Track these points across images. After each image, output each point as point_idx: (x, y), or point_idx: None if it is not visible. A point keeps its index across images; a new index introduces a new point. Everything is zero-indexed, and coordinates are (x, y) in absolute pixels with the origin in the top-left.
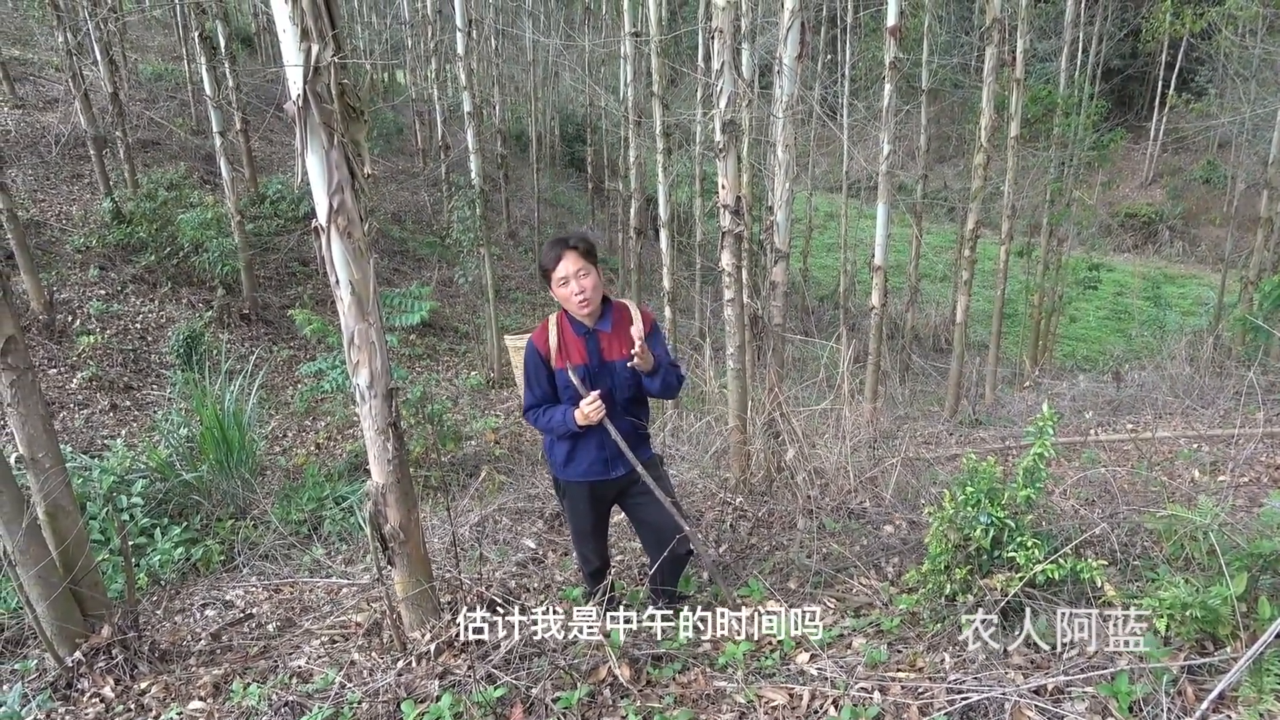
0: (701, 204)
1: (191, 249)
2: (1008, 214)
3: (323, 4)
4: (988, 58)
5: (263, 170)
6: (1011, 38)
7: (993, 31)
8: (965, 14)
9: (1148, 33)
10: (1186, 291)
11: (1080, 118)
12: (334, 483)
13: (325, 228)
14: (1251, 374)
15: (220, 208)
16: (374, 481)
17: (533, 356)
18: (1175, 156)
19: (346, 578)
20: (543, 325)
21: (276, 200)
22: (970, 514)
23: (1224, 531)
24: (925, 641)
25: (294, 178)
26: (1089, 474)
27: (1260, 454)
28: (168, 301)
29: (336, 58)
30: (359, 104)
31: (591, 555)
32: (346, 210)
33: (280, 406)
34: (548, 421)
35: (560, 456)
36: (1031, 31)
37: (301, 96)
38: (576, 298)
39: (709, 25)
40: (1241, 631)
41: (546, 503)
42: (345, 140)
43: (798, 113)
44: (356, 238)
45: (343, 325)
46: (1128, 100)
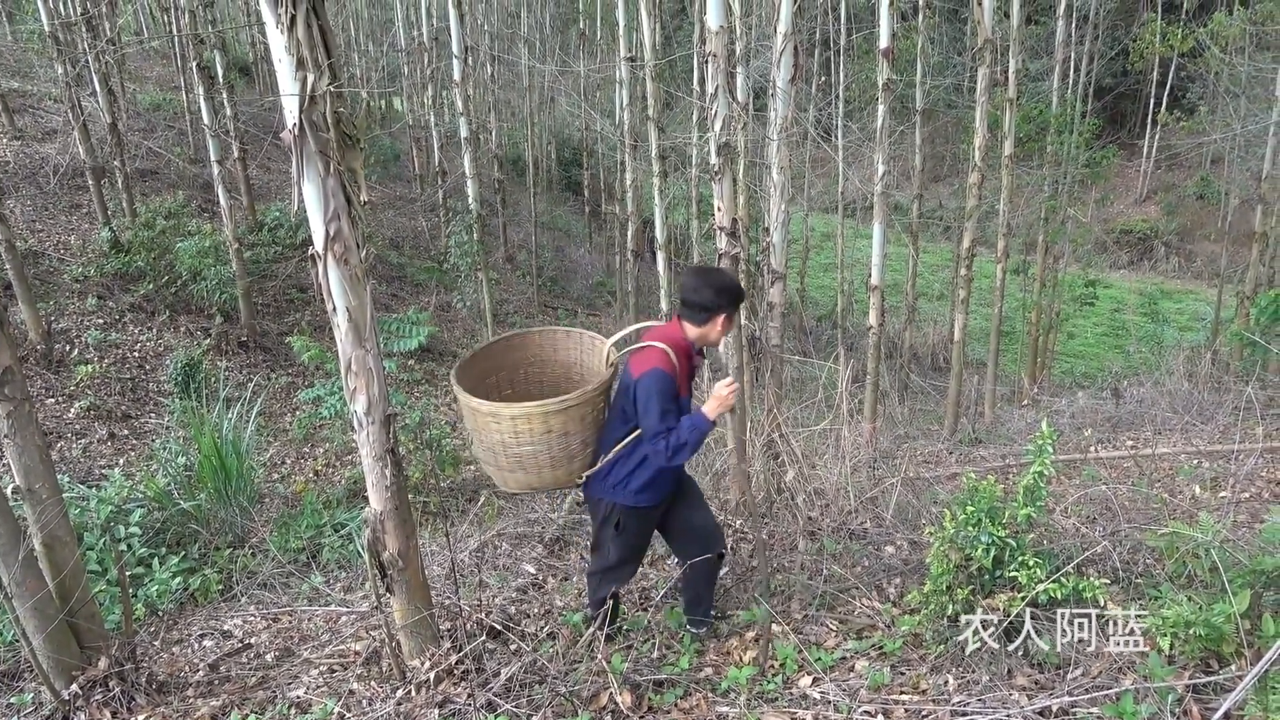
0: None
1: (189, 277)
2: (1003, 232)
3: (319, 34)
4: (980, 78)
5: (260, 198)
6: (1003, 58)
7: (985, 52)
8: (957, 35)
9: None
10: (1183, 307)
11: (1073, 136)
12: (332, 510)
13: (322, 255)
14: (1250, 389)
15: (218, 235)
16: (372, 508)
17: (671, 383)
18: (1169, 173)
19: (345, 606)
20: (664, 356)
21: (274, 227)
22: (971, 533)
23: (1226, 548)
24: (928, 663)
25: (291, 205)
26: (1090, 491)
27: (1260, 469)
28: (166, 330)
29: (332, 86)
30: (355, 132)
31: (628, 578)
32: (343, 237)
33: (278, 433)
34: (677, 439)
35: (638, 484)
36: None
37: (298, 125)
38: (724, 337)
39: (703, 50)
40: (1246, 649)
41: (546, 527)
42: (341, 168)
43: (792, 135)
44: (353, 264)
45: (340, 352)
46: (1120, 118)
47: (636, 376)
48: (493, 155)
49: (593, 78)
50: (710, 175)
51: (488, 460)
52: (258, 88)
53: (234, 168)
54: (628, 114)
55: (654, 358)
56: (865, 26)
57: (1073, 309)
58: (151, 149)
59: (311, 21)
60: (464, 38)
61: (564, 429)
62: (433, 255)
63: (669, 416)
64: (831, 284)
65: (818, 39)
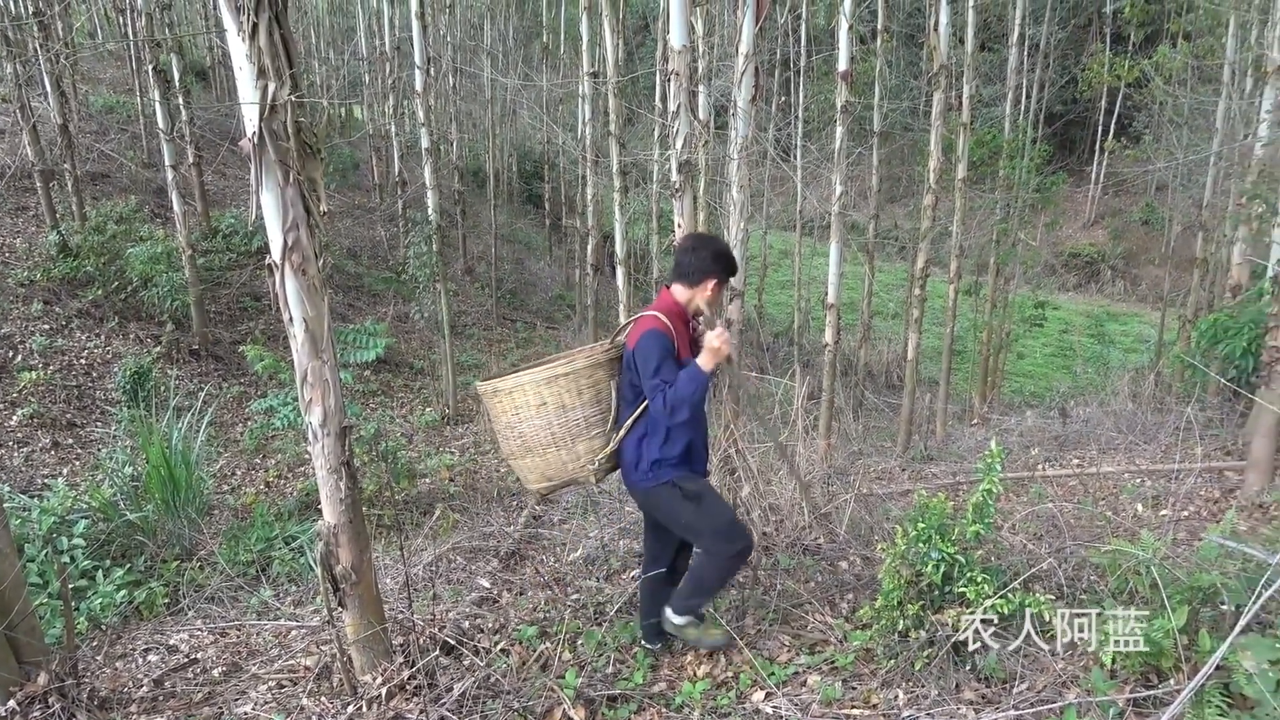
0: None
1: (140, 283)
2: (956, 253)
3: (280, 43)
4: (935, 102)
5: (216, 204)
6: (958, 83)
7: (940, 77)
8: (914, 59)
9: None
10: (1129, 329)
11: (1024, 161)
12: (284, 522)
13: (279, 265)
14: (1189, 410)
15: (171, 242)
16: (325, 521)
17: (669, 342)
18: (1115, 199)
19: (296, 620)
20: (656, 319)
21: (229, 234)
22: (922, 549)
23: (1165, 566)
24: (879, 678)
25: (247, 212)
26: (1037, 509)
27: (1199, 488)
28: (114, 337)
29: (293, 96)
30: (315, 141)
31: (748, 533)
32: (301, 247)
33: (229, 444)
34: (676, 391)
35: (676, 452)
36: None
37: (257, 134)
38: (711, 305)
39: (665, 67)
40: (1184, 664)
41: (501, 541)
42: (301, 178)
43: (752, 154)
44: (311, 275)
45: (296, 363)
46: (1069, 144)
47: (633, 344)
48: (454, 166)
49: (555, 92)
50: (671, 192)
51: (508, 454)
52: (215, 92)
53: (189, 173)
54: (590, 129)
55: (648, 322)
56: (825, 49)
57: (1022, 330)
58: (104, 152)
59: (274, 30)
60: (427, 48)
61: (559, 401)
62: (391, 266)
63: (667, 372)
64: (789, 301)
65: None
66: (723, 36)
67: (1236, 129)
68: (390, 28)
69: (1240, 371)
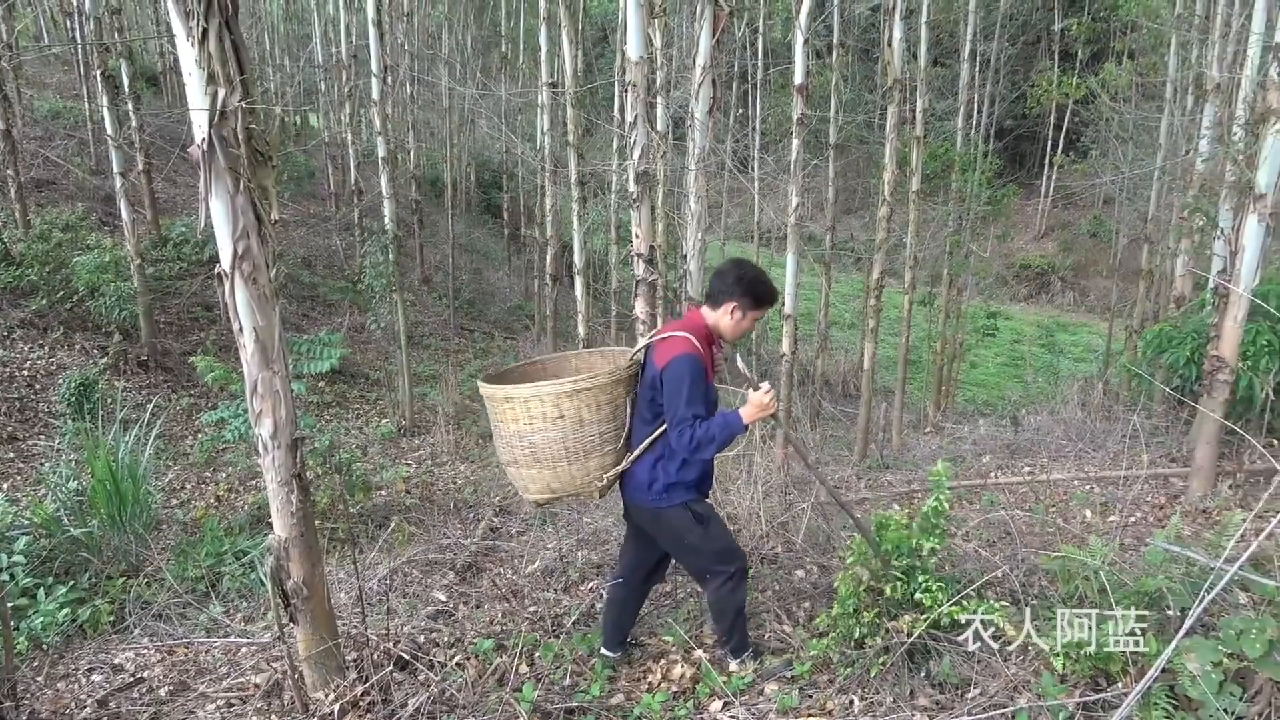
0: (617, 251)
1: (87, 293)
2: (910, 264)
3: (230, 49)
4: (890, 115)
5: (166, 212)
6: (911, 98)
7: (894, 91)
8: (869, 74)
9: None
10: (1078, 339)
11: (976, 174)
12: (234, 537)
13: (229, 274)
14: (1136, 418)
15: (119, 250)
16: (276, 535)
17: (701, 367)
18: (1065, 212)
19: (246, 637)
20: (689, 342)
21: (180, 243)
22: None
23: (1113, 571)
24: (836, 685)
25: (198, 221)
26: (989, 516)
27: (1146, 494)
28: (59, 348)
29: (244, 102)
30: (267, 149)
31: (744, 560)
32: (252, 256)
33: (179, 457)
34: (707, 431)
35: (693, 476)
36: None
37: (207, 140)
38: (745, 333)
39: (624, 79)
40: (1131, 667)
41: (458, 554)
42: (252, 185)
43: (709, 165)
44: (262, 284)
45: (245, 374)
46: (1020, 158)
47: (663, 365)
48: (411, 175)
49: (514, 101)
50: (629, 202)
51: (509, 460)
52: (166, 98)
53: (138, 180)
54: (548, 139)
55: (681, 344)
56: (782, 62)
57: (975, 339)
58: (49, 159)
59: (224, 36)
60: (383, 56)
61: (578, 415)
62: (347, 275)
63: (697, 404)
64: None
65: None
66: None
67: (1179, 144)
68: (346, 35)
69: (1184, 380)
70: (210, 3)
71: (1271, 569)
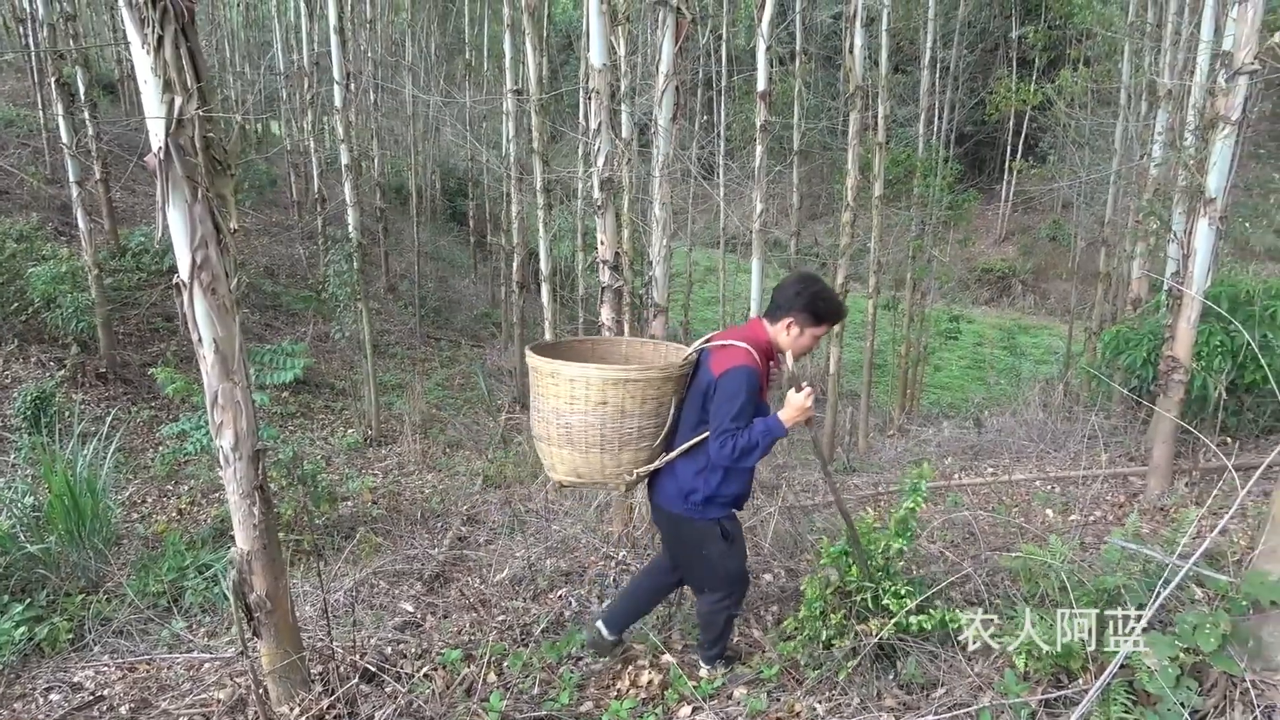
0: (583, 258)
1: (43, 304)
2: (874, 269)
3: (187, 56)
4: (852, 122)
5: (124, 222)
6: (873, 104)
7: (856, 98)
8: (832, 81)
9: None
10: (1039, 341)
11: (937, 179)
12: (197, 550)
13: (188, 284)
14: (1093, 418)
15: (76, 261)
16: (239, 548)
17: (758, 382)
18: (1024, 216)
19: (209, 652)
20: (749, 354)
21: (139, 253)
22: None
23: (1073, 569)
24: (804, 688)
25: (158, 231)
26: (953, 517)
27: (1105, 493)
28: (14, 360)
29: (201, 110)
30: (225, 157)
31: (745, 593)
32: (210, 266)
33: (139, 470)
34: (748, 440)
35: (731, 492)
36: (891, 99)
37: (163, 149)
38: (810, 350)
39: (588, 86)
40: (1091, 664)
41: (426, 564)
42: (210, 194)
43: (674, 171)
44: (221, 294)
45: (205, 385)
46: (980, 164)
47: (719, 374)
48: (375, 183)
49: (479, 108)
50: (594, 209)
51: (541, 436)
52: (123, 106)
53: (95, 190)
54: (514, 146)
55: (740, 355)
56: (746, 69)
57: (938, 343)
58: (2, 168)
59: (180, 43)
60: (346, 64)
61: (620, 405)
62: (310, 284)
63: (743, 416)
64: (715, 317)
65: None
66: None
67: (1133, 149)
68: (308, 42)
69: (1141, 381)
70: (165, 10)
71: (1225, 564)
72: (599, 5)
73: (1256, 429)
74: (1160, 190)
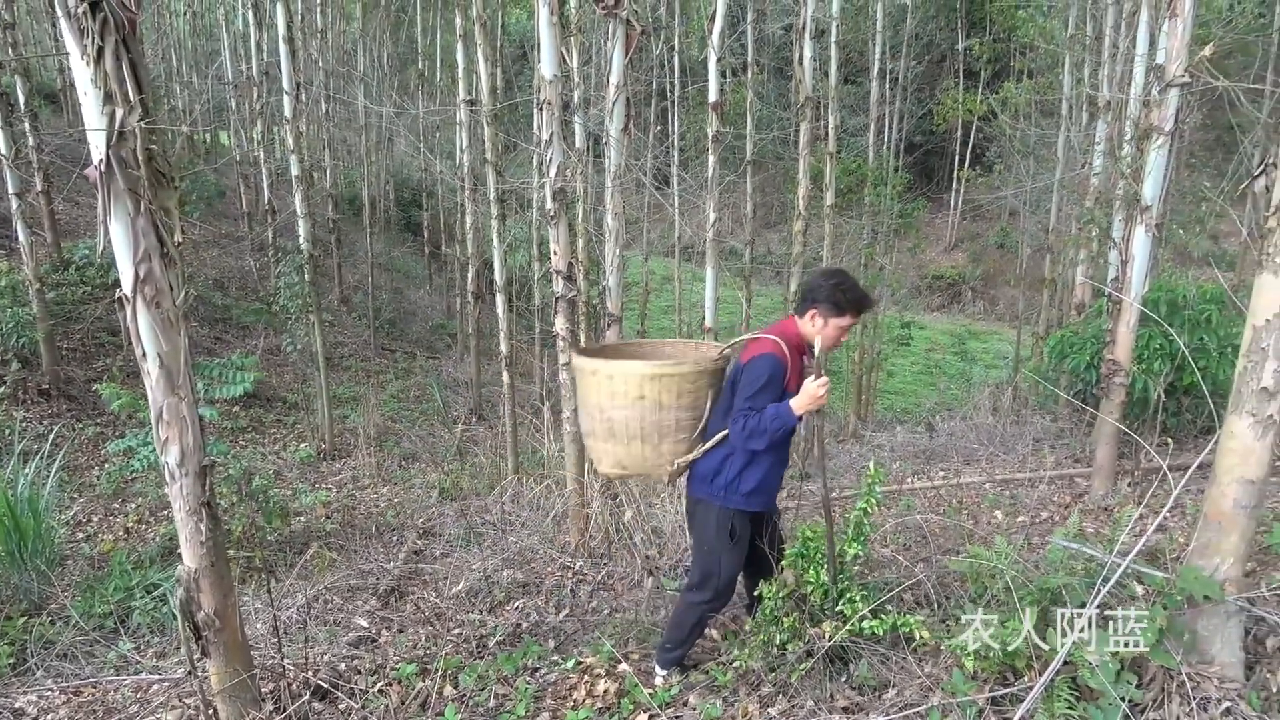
0: (539, 268)
1: None
2: None
3: (128, 67)
4: (803, 132)
5: (68, 234)
6: (824, 114)
7: (806, 109)
8: (784, 91)
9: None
10: (989, 346)
11: (887, 188)
12: (145, 569)
13: (131, 298)
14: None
15: (16, 275)
16: (186, 566)
17: (781, 370)
18: (973, 224)
19: (158, 673)
20: (775, 344)
21: (83, 266)
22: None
23: (1019, 569)
24: (759, 692)
25: (99, 244)
26: (905, 520)
27: (1052, 494)
28: None
29: (144, 122)
30: (170, 169)
31: (727, 600)
32: (154, 279)
33: (85, 489)
34: (757, 423)
35: (749, 485)
36: (841, 109)
37: (104, 161)
38: (837, 344)
39: (539, 97)
40: (1035, 662)
41: (381, 578)
42: (153, 207)
43: (626, 182)
44: (165, 308)
45: (150, 400)
46: (929, 173)
47: (746, 361)
48: (327, 194)
49: (432, 119)
50: (546, 219)
51: (587, 431)
52: (66, 116)
53: (37, 202)
54: (468, 156)
55: (767, 345)
56: (699, 80)
57: (891, 349)
58: None
59: (121, 54)
60: (295, 73)
61: (657, 399)
62: (261, 297)
63: (760, 399)
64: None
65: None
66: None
67: (1075, 159)
68: (257, 52)
69: (1085, 384)
70: (106, 20)
71: (1164, 560)
72: (549, 17)
73: (1195, 429)
74: (1101, 198)
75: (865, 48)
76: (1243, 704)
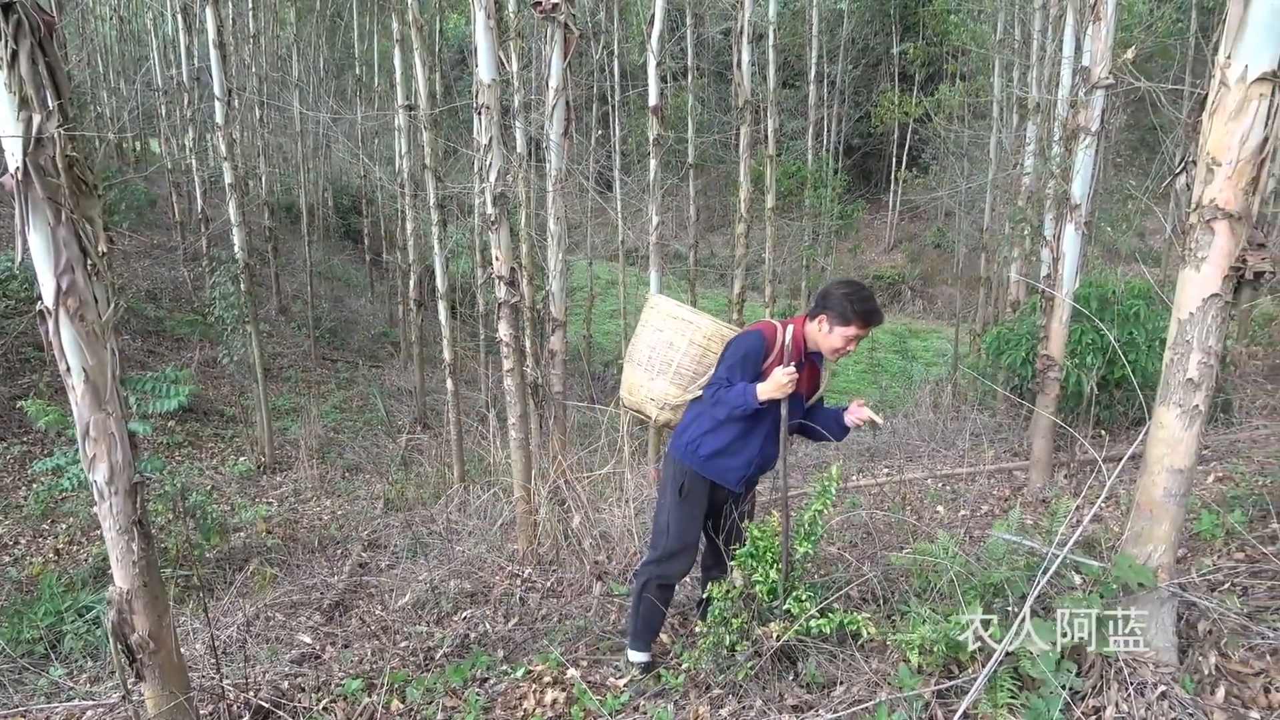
0: (482, 274)
1: None
2: (769, 279)
3: (45, 71)
4: (743, 136)
5: None
6: (764, 118)
7: (746, 112)
8: (724, 95)
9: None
10: (929, 344)
11: (827, 190)
12: (77, 592)
13: (53, 311)
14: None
15: None
16: (117, 587)
17: (759, 347)
18: (911, 224)
19: (91, 699)
20: (773, 328)
21: (4, 280)
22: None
23: (961, 563)
24: (709, 694)
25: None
26: (851, 517)
27: (992, 488)
28: None
29: (63, 128)
30: (92, 177)
31: (681, 573)
32: (77, 291)
33: (11, 510)
34: (723, 394)
35: (707, 449)
36: (781, 113)
37: (21, 170)
38: (842, 352)
39: (478, 102)
40: (979, 654)
41: (325, 593)
42: (75, 216)
43: (568, 186)
44: (90, 320)
45: (76, 416)
46: (867, 175)
47: (735, 337)
48: (263, 202)
49: (370, 124)
50: (488, 225)
51: (627, 356)
52: None
53: None
54: (407, 162)
55: (760, 325)
56: (640, 84)
57: None
58: None
59: (37, 57)
60: (227, 79)
61: (669, 339)
62: (196, 308)
63: (734, 372)
64: (617, 330)
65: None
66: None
67: (1007, 159)
68: (188, 57)
69: (1021, 379)
70: (20, 23)
71: (1100, 550)
72: (486, 20)
73: (1127, 421)
74: (1032, 198)
75: (803, 52)
76: (1177, 687)
